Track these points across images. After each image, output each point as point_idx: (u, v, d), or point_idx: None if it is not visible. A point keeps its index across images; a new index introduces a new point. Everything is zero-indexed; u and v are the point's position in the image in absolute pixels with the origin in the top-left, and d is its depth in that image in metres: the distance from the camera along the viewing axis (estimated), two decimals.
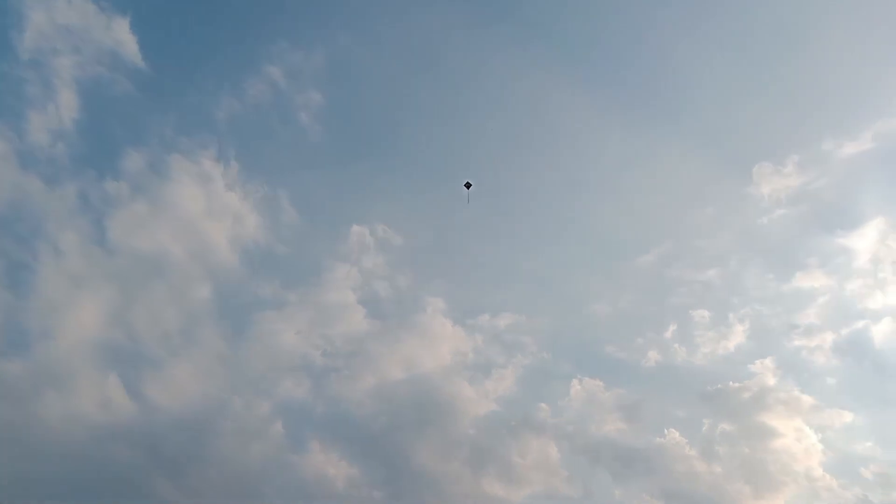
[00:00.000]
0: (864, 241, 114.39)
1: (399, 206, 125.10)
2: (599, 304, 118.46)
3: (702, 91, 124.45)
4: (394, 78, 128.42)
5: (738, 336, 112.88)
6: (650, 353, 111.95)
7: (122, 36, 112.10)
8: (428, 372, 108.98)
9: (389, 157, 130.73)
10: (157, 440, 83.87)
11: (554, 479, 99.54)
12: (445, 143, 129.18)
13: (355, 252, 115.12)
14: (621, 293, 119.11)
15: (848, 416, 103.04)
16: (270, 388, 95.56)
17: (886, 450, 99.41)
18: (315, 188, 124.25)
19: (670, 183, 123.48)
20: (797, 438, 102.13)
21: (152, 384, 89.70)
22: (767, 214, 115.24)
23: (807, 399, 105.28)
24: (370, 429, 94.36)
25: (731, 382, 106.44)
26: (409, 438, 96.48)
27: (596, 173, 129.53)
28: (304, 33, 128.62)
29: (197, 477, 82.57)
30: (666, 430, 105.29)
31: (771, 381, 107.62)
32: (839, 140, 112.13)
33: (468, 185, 57.03)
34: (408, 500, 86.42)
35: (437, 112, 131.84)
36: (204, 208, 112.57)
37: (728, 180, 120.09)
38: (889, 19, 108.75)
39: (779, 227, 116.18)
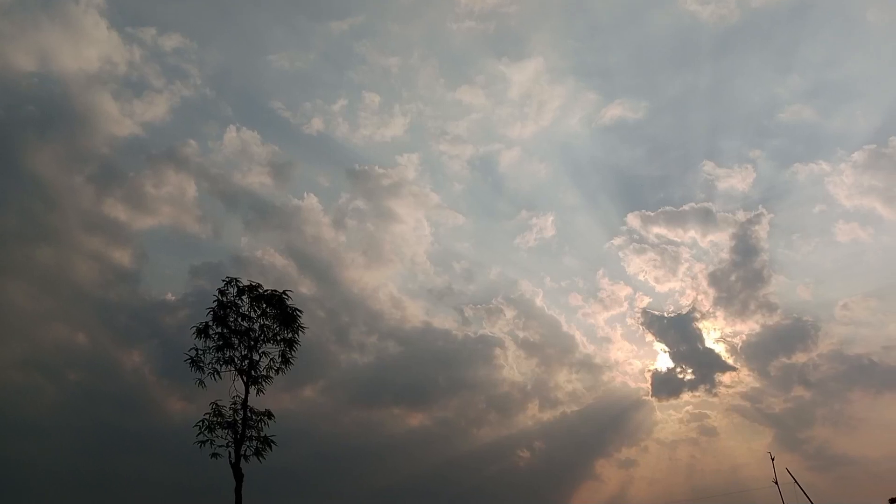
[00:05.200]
0: (522, 74, 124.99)
1: None
2: (276, 56, 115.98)
3: None
4: None
5: (397, 128, 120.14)
6: (315, 120, 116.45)
7: None
8: (66, 73, 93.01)
9: None
10: None
11: (185, 216, 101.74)
12: None
13: None
14: (292, 51, 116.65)
15: (460, 219, 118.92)
16: None
17: (476, 251, 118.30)
18: None
19: None
20: (415, 228, 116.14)
21: None
22: (458, 22, 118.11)
23: (434, 197, 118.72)
24: None
25: (377, 167, 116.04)
26: (24, 140, 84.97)
27: None
28: None
29: None
30: (306, 194, 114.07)
31: (411, 175, 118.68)
32: None
33: None
34: (10, 206, 79.21)
35: None
36: None
37: None
38: None
39: (463, 37, 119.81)
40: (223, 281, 25.37)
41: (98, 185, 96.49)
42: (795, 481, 39.02)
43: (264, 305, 25.65)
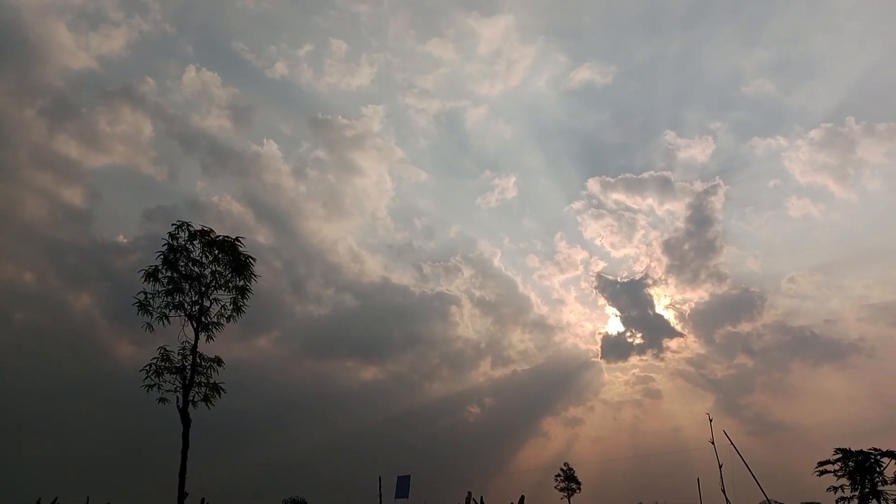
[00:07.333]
0: (493, 30, 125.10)
1: None
2: None
3: None
4: None
5: (364, 77, 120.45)
6: (278, 64, 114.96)
7: None
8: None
9: None
10: None
11: (140, 157, 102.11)
12: None
13: None
14: None
15: (423, 176, 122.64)
16: None
17: (437, 208, 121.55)
18: None
19: None
20: (377, 182, 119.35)
21: None
22: None
23: (398, 152, 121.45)
24: None
25: (340, 117, 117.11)
26: None
27: None
28: None
29: None
30: (266, 141, 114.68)
31: (376, 127, 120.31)
32: None
33: None
34: None
35: None
36: None
37: None
38: None
39: None
40: (173, 225, 24.78)
41: (50, 119, 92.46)
42: (731, 442, 40.97)
43: (216, 251, 25.15)
